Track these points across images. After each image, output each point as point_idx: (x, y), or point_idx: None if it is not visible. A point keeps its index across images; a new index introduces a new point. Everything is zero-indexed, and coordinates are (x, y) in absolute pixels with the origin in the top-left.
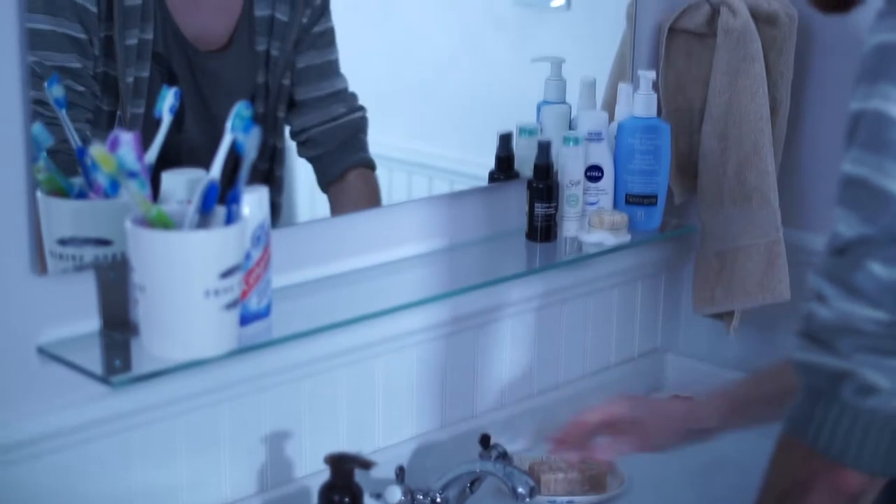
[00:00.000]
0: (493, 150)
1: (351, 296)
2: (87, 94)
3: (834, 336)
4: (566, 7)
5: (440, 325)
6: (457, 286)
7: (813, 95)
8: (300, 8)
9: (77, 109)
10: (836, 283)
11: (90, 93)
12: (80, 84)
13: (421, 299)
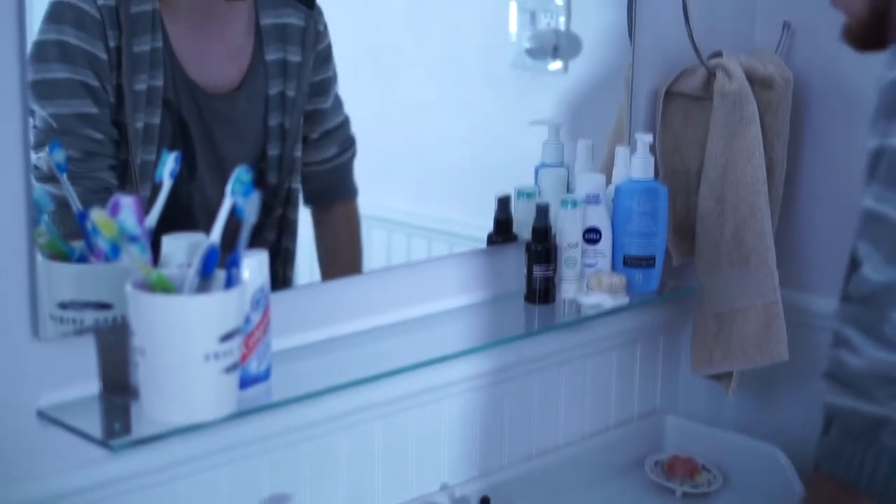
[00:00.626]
0: (492, 212)
1: (349, 359)
2: (107, 141)
3: (869, 384)
4: (563, 71)
5: (439, 387)
6: (456, 349)
7: (809, 157)
8: (310, 48)
9: (98, 159)
10: (865, 332)
11: (109, 139)
12: (99, 131)
13: (419, 362)
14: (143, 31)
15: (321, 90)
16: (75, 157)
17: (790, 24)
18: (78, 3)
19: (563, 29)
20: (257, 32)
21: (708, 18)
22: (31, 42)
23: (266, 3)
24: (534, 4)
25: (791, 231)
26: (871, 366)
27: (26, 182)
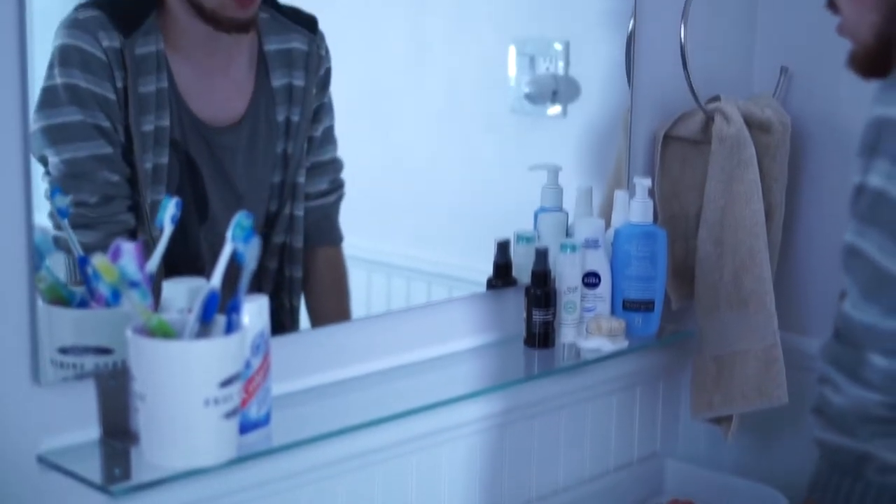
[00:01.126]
0: (492, 256)
1: (349, 404)
2: (122, 182)
3: (851, 422)
4: (562, 115)
5: (439, 431)
6: (456, 393)
7: (808, 200)
8: (313, 72)
9: (117, 202)
10: (845, 372)
11: (125, 181)
12: (116, 173)
13: (420, 406)
14: (148, 72)
15: (315, 116)
16: (94, 203)
17: (787, 68)
18: (83, 45)
19: (561, 73)
20: (261, 59)
21: (706, 63)
22: (39, 88)
23: (270, 29)
24: (533, 49)
25: (790, 274)
26: (852, 404)
27: (27, 227)
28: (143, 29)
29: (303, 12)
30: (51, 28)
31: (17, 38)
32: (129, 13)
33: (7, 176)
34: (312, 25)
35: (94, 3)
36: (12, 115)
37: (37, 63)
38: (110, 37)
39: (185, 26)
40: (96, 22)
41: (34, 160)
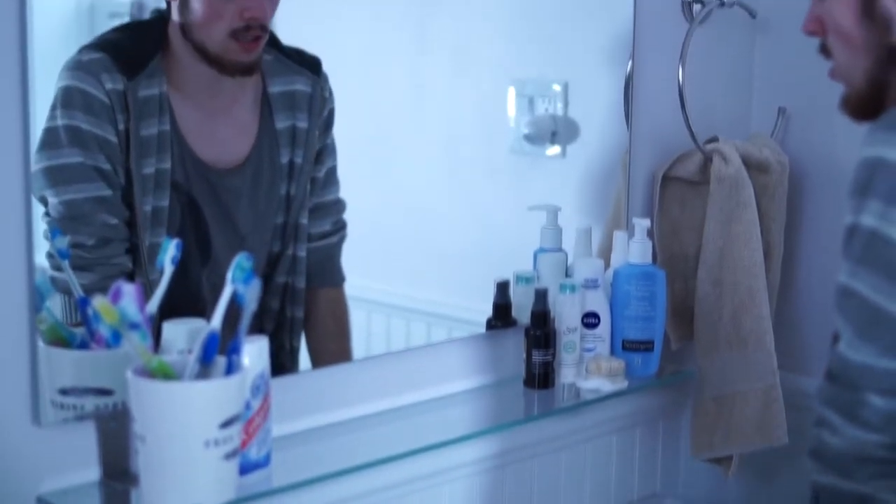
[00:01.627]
0: (491, 296)
1: (349, 445)
2: (121, 225)
3: (849, 463)
4: (561, 156)
5: (439, 472)
6: (456, 434)
7: (806, 240)
8: (316, 114)
9: (114, 245)
10: (843, 414)
11: (123, 223)
12: (114, 215)
13: (419, 447)
14: (150, 115)
15: (318, 158)
16: (92, 244)
17: (785, 109)
18: (86, 88)
19: (561, 115)
20: (265, 101)
21: (704, 104)
22: (41, 129)
23: (273, 71)
24: (532, 90)
25: (789, 314)
26: (850, 446)
27: (29, 268)
28: (146, 72)
29: (306, 54)
30: (53, 68)
31: (19, 79)
32: (134, 56)
33: (9, 216)
34: (316, 67)
35: (98, 45)
36: (14, 156)
37: (38, 103)
38: (114, 79)
39: (189, 69)
40: (100, 64)
41: (35, 201)
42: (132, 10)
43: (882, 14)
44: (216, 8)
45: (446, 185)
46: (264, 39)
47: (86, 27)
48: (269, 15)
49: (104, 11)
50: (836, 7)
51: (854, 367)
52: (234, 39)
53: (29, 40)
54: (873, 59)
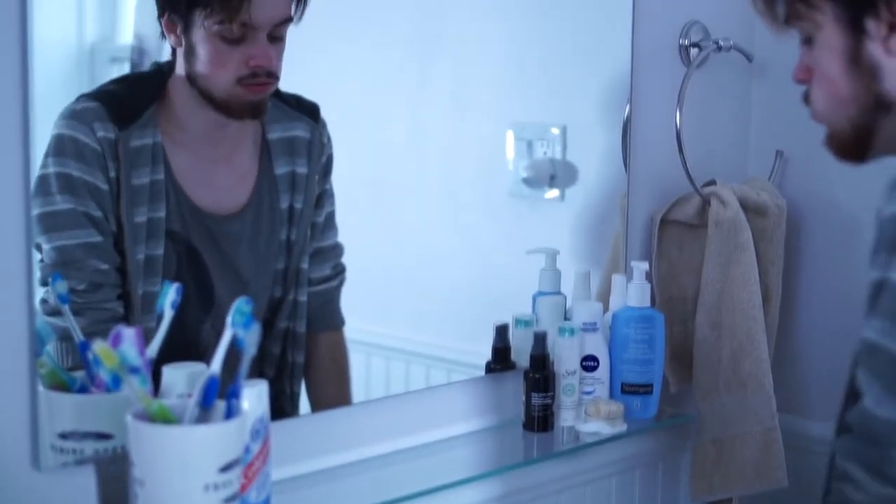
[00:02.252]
0: (490, 339)
1: (349, 489)
2: (111, 271)
3: None
4: (560, 199)
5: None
6: (455, 477)
7: (804, 282)
8: (316, 159)
9: (105, 290)
10: (869, 470)
11: (115, 269)
12: (105, 261)
13: (419, 491)
14: (142, 164)
15: (318, 203)
16: (82, 289)
17: (782, 152)
18: (78, 136)
19: (559, 158)
20: (264, 148)
21: (701, 148)
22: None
23: (273, 117)
24: (530, 134)
25: (788, 356)
26: (875, 502)
27: (29, 313)
28: (140, 122)
29: (305, 100)
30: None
31: (20, 124)
32: (128, 106)
33: (10, 261)
34: (315, 114)
35: (94, 94)
36: (15, 202)
37: (39, 149)
38: (105, 128)
39: (191, 116)
40: (93, 113)
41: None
42: (132, 56)
43: (868, 62)
44: (222, 56)
45: (445, 228)
46: (272, 85)
47: (86, 72)
48: (274, 63)
49: (105, 56)
50: (823, 57)
51: (881, 424)
52: (240, 86)
53: (30, 84)
54: (859, 108)
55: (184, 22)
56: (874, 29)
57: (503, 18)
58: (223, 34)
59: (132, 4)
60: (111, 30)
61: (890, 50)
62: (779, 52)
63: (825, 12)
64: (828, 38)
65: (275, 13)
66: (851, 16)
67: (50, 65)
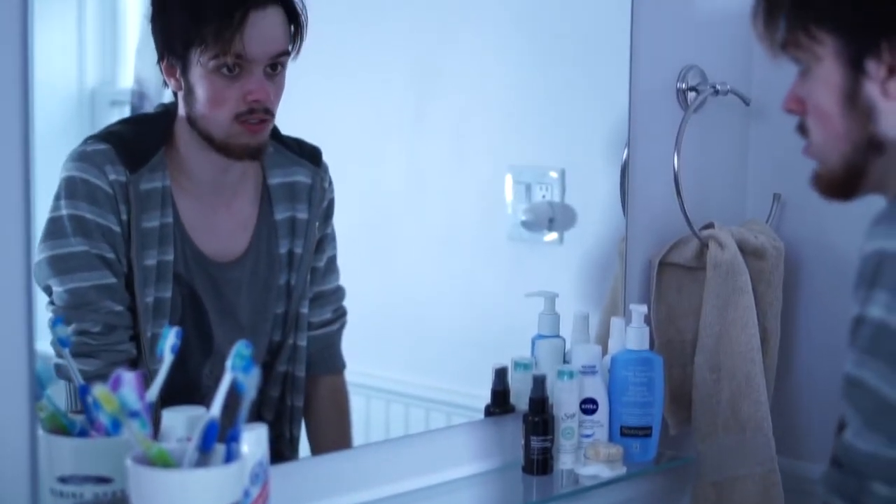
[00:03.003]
0: (490, 381)
1: None
2: (125, 312)
3: None
4: (559, 242)
5: None
6: None
7: (803, 325)
8: (317, 204)
9: (119, 331)
10: (848, 501)
11: (127, 310)
12: (118, 303)
13: None
14: (152, 207)
15: (319, 247)
16: (97, 331)
17: (780, 195)
18: (90, 178)
19: (558, 201)
20: (265, 193)
21: (699, 191)
22: (45, 219)
23: (274, 162)
24: (529, 177)
25: (787, 399)
26: None
27: (29, 357)
28: (149, 165)
29: (306, 144)
30: (54, 155)
31: (21, 166)
32: (138, 149)
33: (10, 305)
34: (316, 158)
35: (103, 136)
36: (16, 244)
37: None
38: (116, 171)
39: (194, 162)
40: (104, 155)
41: (37, 289)
42: (133, 99)
43: (865, 103)
44: (220, 93)
45: (444, 271)
46: (270, 124)
47: (87, 115)
48: (272, 99)
49: (105, 100)
50: (819, 89)
51: (861, 456)
52: (238, 123)
53: (31, 127)
54: (852, 144)
55: (182, 63)
56: (874, 70)
57: (501, 62)
58: (219, 68)
59: (132, 48)
60: (111, 73)
61: (887, 92)
62: (776, 96)
63: (826, 45)
64: (826, 73)
65: (270, 46)
66: (853, 54)
67: (51, 108)
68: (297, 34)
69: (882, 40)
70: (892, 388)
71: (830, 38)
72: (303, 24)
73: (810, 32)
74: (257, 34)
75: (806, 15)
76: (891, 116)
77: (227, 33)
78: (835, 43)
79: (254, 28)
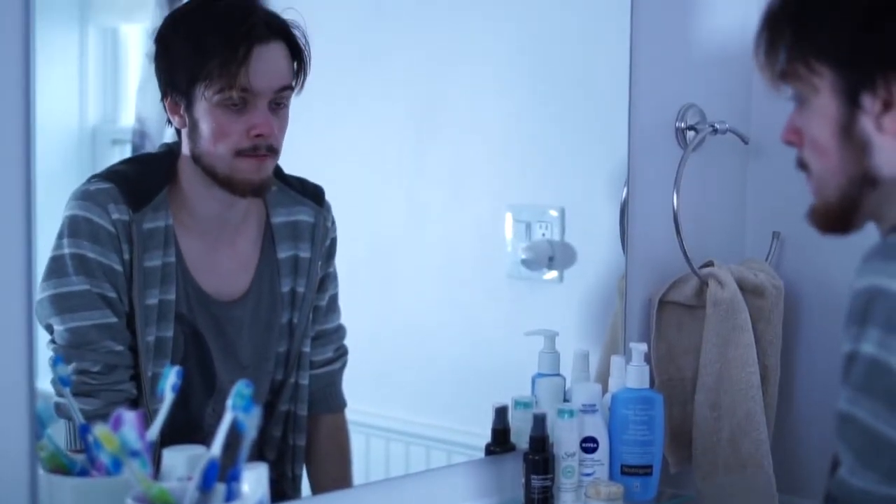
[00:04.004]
0: (490, 419)
1: None
2: (126, 352)
3: None
4: (559, 280)
5: None
6: None
7: (802, 362)
8: (319, 243)
9: (119, 371)
10: None
11: (128, 350)
12: (119, 342)
13: None
14: (155, 247)
15: (321, 286)
16: (97, 371)
17: (779, 233)
18: (93, 217)
19: (557, 240)
20: (268, 232)
21: (699, 229)
22: (47, 258)
23: (277, 201)
24: (529, 216)
25: (787, 437)
26: None
27: (29, 396)
28: (153, 204)
29: (309, 184)
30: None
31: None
32: (141, 188)
33: (11, 344)
34: (319, 197)
35: (106, 175)
36: (18, 284)
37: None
38: (119, 210)
39: (197, 198)
40: (107, 194)
41: (39, 328)
42: (134, 138)
43: (860, 137)
44: (224, 127)
45: (444, 310)
46: (273, 160)
47: (88, 153)
48: (276, 133)
49: (107, 138)
50: (815, 121)
51: (855, 493)
52: (241, 158)
53: (32, 165)
54: (848, 178)
55: (186, 100)
56: (869, 104)
57: (501, 101)
58: (224, 103)
59: (134, 87)
60: (113, 112)
61: (882, 127)
62: (774, 135)
63: (824, 78)
64: (823, 105)
65: (274, 80)
66: (849, 87)
67: (52, 145)
68: (300, 69)
69: (878, 75)
70: (886, 425)
71: (828, 70)
72: (306, 59)
73: (809, 64)
74: (262, 68)
75: (806, 47)
76: (885, 152)
77: (233, 67)
78: (832, 76)
79: (258, 62)
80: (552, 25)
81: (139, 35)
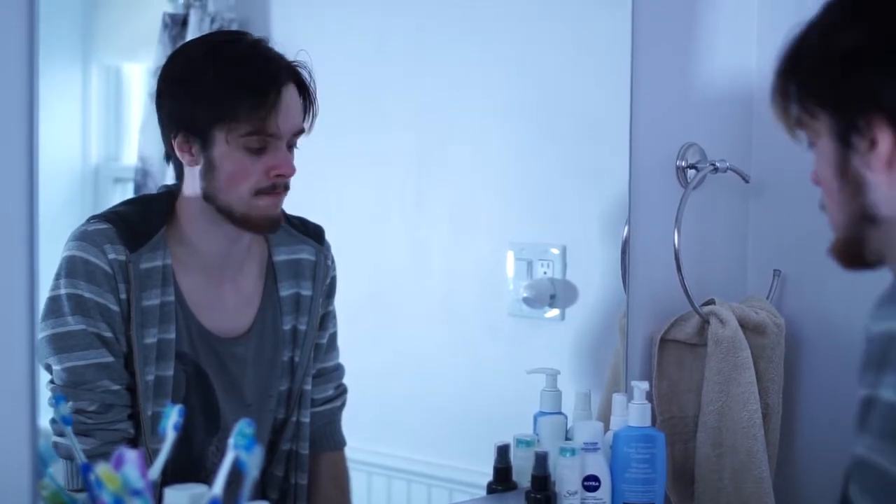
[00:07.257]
0: (492, 458)
1: None
2: (122, 391)
3: None
4: (560, 318)
5: None
6: None
7: (804, 401)
8: (320, 281)
9: (116, 410)
10: None
11: (125, 389)
12: (116, 382)
13: None
14: (153, 286)
15: (321, 324)
16: (93, 410)
17: (780, 271)
18: (89, 257)
19: (559, 277)
20: (270, 270)
21: (700, 267)
22: (45, 298)
23: (279, 240)
24: (530, 254)
25: (789, 475)
26: None
27: (31, 435)
28: (150, 244)
29: (310, 223)
30: (58, 232)
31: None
32: (139, 228)
33: (13, 384)
34: (319, 236)
35: (105, 216)
36: (20, 324)
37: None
38: (116, 250)
39: (202, 235)
40: (104, 235)
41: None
42: (136, 176)
43: (854, 175)
44: (244, 167)
45: (445, 348)
46: (286, 195)
47: (90, 191)
48: (293, 173)
49: (109, 176)
50: (821, 163)
51: None
52: (258, 197)
53: (35, 203)
54: (848, 217)
55: (201, 140)
56: (858, 144)
57: (502, 139)
58: (249, 146)
59: (136, 125)
60: (115, 150)
61: (870, 165)
62: (775, 173)
63: (822, 121)
64: (824, 147)
65: (295, 123)
66: (840, 129)
67: (55, 184)
68: (308, 109)
69: (860, 117)
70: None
71: (824, 114)
72: (313, 99)
73: (810, 111)
74: (285, 111)
75: (805, 94)
76: (879, 189)
77: (262, 111)
78: (828, 119)
79: (283, 105)
80: (554, 65)
81: (142, 74)
